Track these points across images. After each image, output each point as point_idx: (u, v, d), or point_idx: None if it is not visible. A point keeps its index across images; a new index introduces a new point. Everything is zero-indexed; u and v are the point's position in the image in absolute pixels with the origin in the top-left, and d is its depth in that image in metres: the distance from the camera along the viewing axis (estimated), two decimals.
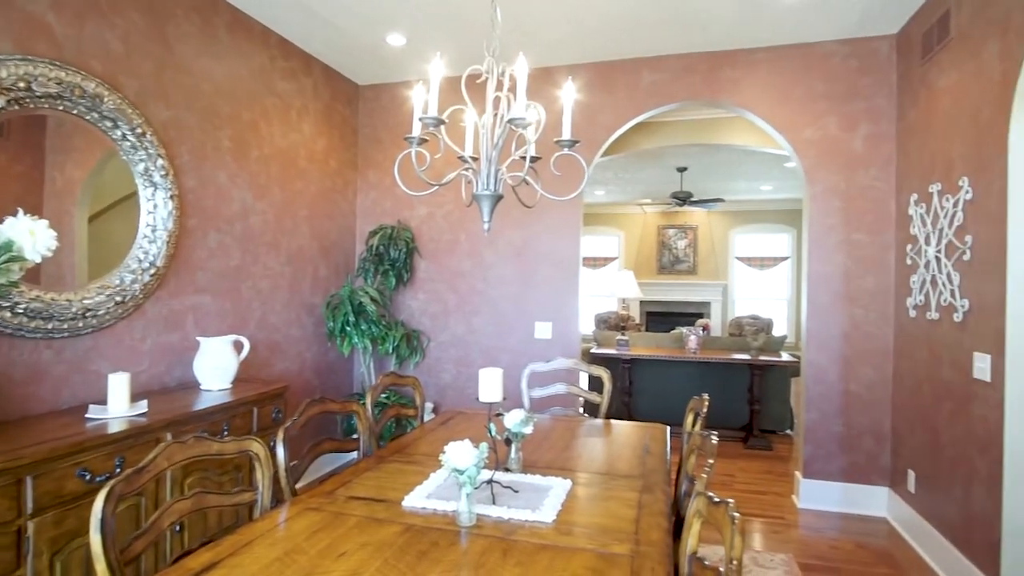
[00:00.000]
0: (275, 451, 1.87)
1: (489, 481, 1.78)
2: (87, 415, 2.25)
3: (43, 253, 1.67)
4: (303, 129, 3.98)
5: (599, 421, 2.83)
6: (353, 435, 4.21)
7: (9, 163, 2.21)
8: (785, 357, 5.13)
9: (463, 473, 1.52)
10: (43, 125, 2.33)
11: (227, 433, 2.58)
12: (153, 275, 2.79)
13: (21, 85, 2.18)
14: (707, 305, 10.64)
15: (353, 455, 4.27)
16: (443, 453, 1.54)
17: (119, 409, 2.28)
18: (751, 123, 4.08)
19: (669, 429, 2.69)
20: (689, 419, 2.36)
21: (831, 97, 3.70)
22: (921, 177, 3.22)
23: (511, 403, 3.86)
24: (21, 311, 2.21)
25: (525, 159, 1.93)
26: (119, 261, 2.65)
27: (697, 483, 1.55)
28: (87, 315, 2.47)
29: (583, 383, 4.14)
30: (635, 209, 11.03)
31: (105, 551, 1.22)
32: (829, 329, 3.71)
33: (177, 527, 2.31)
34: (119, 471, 2.04)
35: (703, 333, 6.61)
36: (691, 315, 10.47)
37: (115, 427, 2.11)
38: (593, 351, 5.49)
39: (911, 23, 3.37)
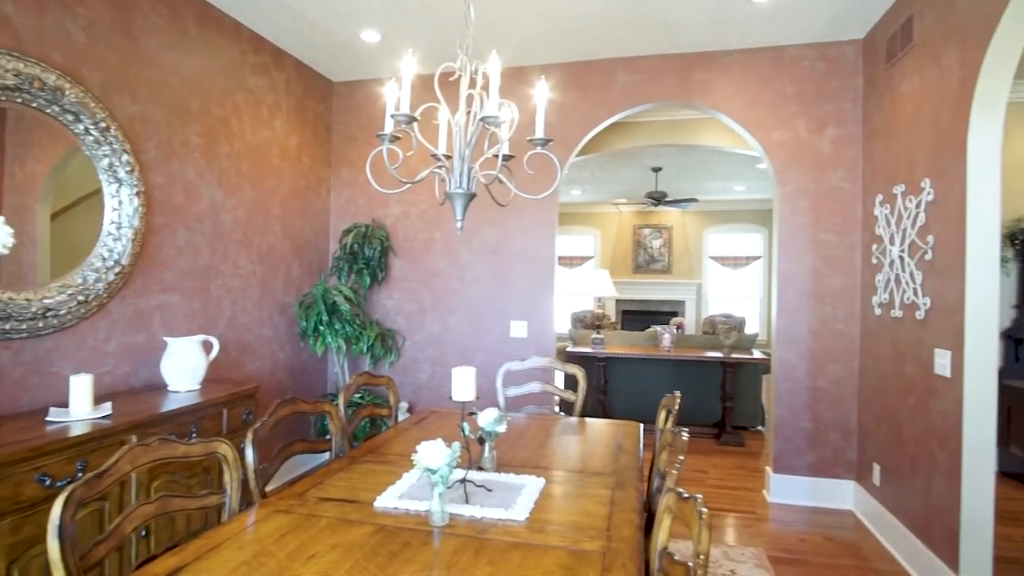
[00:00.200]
0: (244, 453, 1.84)
1: (462, 480, 1.78)
2: (47, 418, 2.18)
3: None
4: (275, 126, 3.92)
5: (574, 419, 2.84)
6: (326, 436, 4.15)
7: None
8: (757, 355, 5.22)
9: (435, 473, 1.51)
10: (3, 118, 2.26)
11: (195, 435, 2.53)
12: (118, 274, 2.72)
13: None
14: (681, 304, 10.78)
15: (327, 456, 4.22)
16: (415, 453, 1.54)
17: (81, 412, 2.22)
18: (725, 124, 4.13)
19: (643, 426, 2.72)
20: (661, 416, 2.39)
21: (800, 100, 3.78)
22: (886, 179, 3.30)
23: (486, 402, 3.85)
24: None
25: (498, 158, 1.93)
26: (83, 259, 2.58)
27: (668, 479, 1.56)
28: (48, 315, 2.40)
29: (559, 382, 4.15)
30: (611, 208, 11.12)
31: (63, 558, 1.18)
32: (798, 327, 3.79)
33: (143, 532, 2.26)
34: (81, 475, 1.98)
35: (677, 332, 6.70)
36: (666, 314, 10.60)
37: (77, 430, 2.05)
38: (569, 350, 5.52)
39: (876, 28, 3.46)
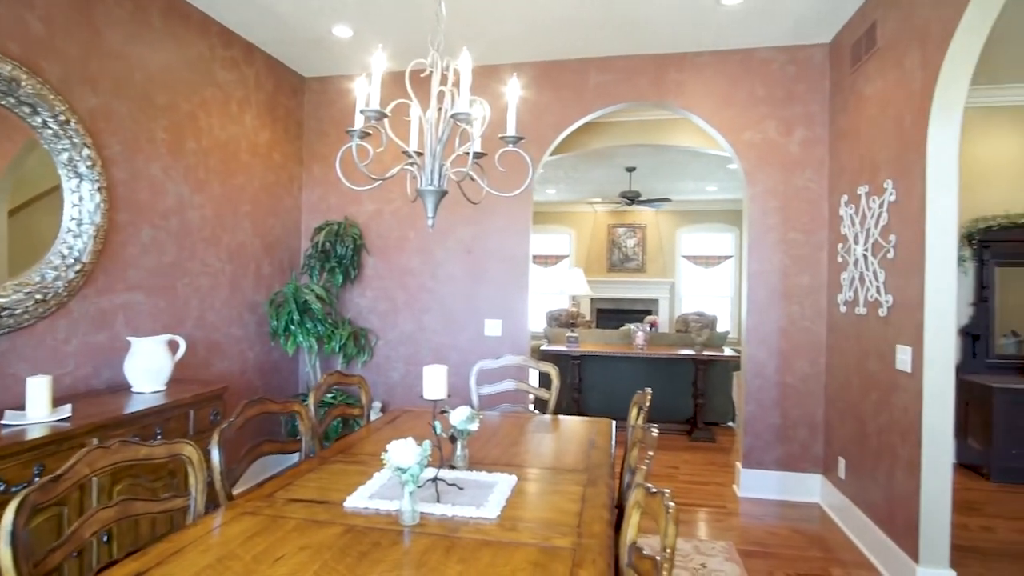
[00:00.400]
0: (210, 454, 1.80)
1: (434, 479, 1.77)
2: (2, 421, 2.10)
3: None
4: (245, 121, 3.84)
5: (547, 417, 2.85)
6: (297, 437, 4.09)
7: None
8: (728, 352, 5.31)
9: (406, 472, 1.50)
10: None
11: (160, 437, 2.47)
12: (79, 271, 2.64)
13: None
14: (655, 302, 10.90)
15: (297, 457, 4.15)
16: (385, 452, 1.52)
17: (39, 414, 2.15)
18: (697, 125, 4.19)
19: (616, 423, 2.74)
20: (633, 413, 2.41)
21: (770, 102, 3.85)
22: (851, 180, 3.39)
23: (460, 400, 3.84)
24: None
25: (469, 155, 1.92)
26: (42, 256, 2.49)
27: (637, 475, 1.58)
28: (3, 314, 2.31)
29: (533, 380, 4.16)
30: (585, 208, 11.18)
31: (16, 565, 1.14)
32: (767, 325, 3.86)
33: (104, 537, 2.19)
34: (38, 480, 1.91)
35: (651, 330, 6.77)
36: (640, 312, 10.70)
37: (34, 433, 1.98)
38: (544, 348, 5.54)
39: (842, 33, 3.54)
